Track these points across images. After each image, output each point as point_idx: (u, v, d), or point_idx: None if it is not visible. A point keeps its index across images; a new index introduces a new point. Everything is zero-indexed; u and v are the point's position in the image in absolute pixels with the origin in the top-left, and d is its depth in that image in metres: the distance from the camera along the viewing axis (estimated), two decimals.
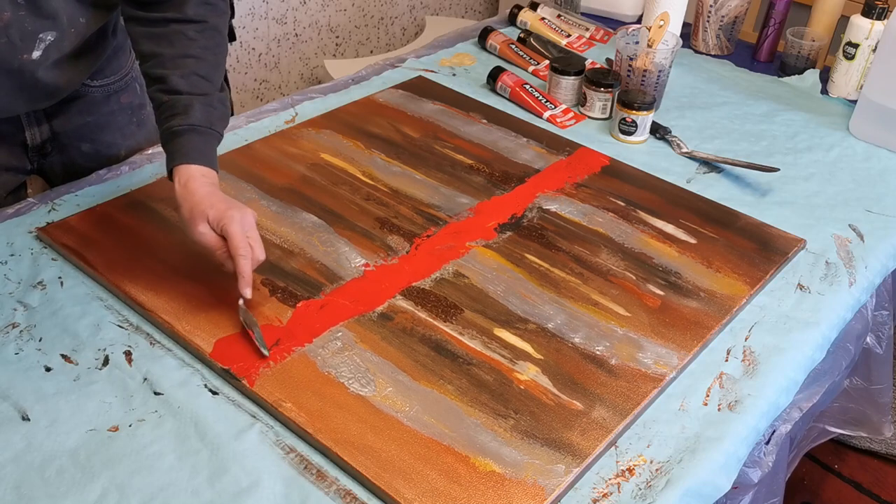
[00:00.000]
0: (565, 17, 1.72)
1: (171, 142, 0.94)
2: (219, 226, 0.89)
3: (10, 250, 1.02)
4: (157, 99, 0.96)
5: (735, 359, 0.94)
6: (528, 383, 0.87)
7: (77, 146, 1.18)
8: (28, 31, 0.95)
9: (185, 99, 0.95)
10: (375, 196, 1.15)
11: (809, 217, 1.18)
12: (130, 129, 1.24)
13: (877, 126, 1.35)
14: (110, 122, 1.20)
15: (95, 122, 1.18)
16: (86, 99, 1.16)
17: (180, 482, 0.76)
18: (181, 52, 0.97)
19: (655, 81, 1.38)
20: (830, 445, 1.74)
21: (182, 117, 0.94)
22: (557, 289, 1.00)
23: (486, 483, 0.76)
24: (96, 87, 1.17)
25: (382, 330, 0.92)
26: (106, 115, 1.19)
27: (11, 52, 0.95)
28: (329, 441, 0.79)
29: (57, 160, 1.19)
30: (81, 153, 1.19)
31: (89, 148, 1.20)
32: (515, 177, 1.22)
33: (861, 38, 1.42)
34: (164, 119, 0.95)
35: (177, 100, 0.95)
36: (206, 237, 0.90)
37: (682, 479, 0.79)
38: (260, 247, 0.91)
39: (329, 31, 2.44)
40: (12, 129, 1.11)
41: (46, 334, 0.91)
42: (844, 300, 1.04)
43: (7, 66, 0.96)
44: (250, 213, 0.92)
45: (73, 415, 0.82)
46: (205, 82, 0.97)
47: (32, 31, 0.95)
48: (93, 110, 1.18)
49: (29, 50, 0.96)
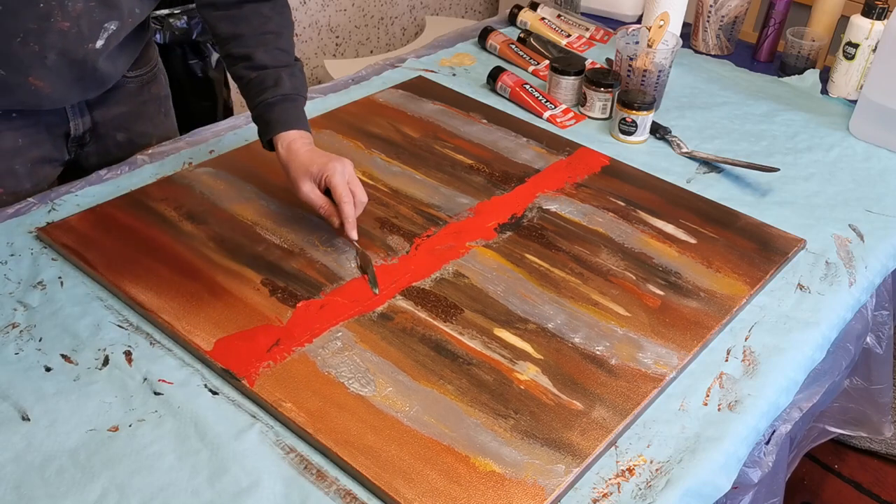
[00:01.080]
0: (565, 17, 1.73)
1: (267, 113, 1.04)
2: (322, 179, 0.99)
3: (10, 250, 1.02)
4: (244, 76, 1.05)
5: (735, 359, 0.94)
6: (528, 383, 0.87)
7: (113, 136, 1.23)
8: (95, 21, 1.02)
9: (272, 72, 1.04)
10: (375, 196, 1.15)
11: (809, 217, 1.18)
12: (159, 119, 1.29)
13: (877, 126, 1.35)
14: (143, 111, 1.25)
15: (130, 112, 1.23)
16: (123, 90, 1.21)
17: (180, 482, 0.76)
18: (260, 30, 1.05)
19: (655, 81, 1.38)
20: (830, 445, 1.74)
21: (273, 89, 1.03)
22: (557, 289, 1.00)
23: (486, 483, 0.76)
24: (131, 77, 1.21)
25: (382, 330, 0.92)
26: (139, 105, 1.24)
27: (79, 41, 1.02)
28: (329, 441, 0.79)
29: (93, 150, 1.23)
30: (116, 142, 1.24)
31: (123, 137, 1.24)
32: (515, 177, 1.22)
33: (861, 38, 1.42)
34: (256, 93, 1.04)
35: (265, 74, 1.04)
36: (311, 195, 1.00)
37: (682, 479, 0.79)
38: (361, 191, 1.01)
39: (329, 31, 2.44)
40: (57, 120, 1.15)
41: (46, 334, 0.91)
42: (844, 300, 1.04)
43: (73, 55, 1.03)
44: (349, 163, 1.01)
45: (73, 415, 0.82)
46: (286, 54, 1.07)
47: (98, 21, 1.02)
48: (128, 101, 1.22)
49: (94, 39, 1.03)
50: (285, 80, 1.04)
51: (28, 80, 1.03)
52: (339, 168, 0.99)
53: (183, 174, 1.16)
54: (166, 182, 1.15)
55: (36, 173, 1.16)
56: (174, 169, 1.19)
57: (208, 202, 1.11)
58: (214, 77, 1.81)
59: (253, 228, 1.07)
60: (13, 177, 1.13)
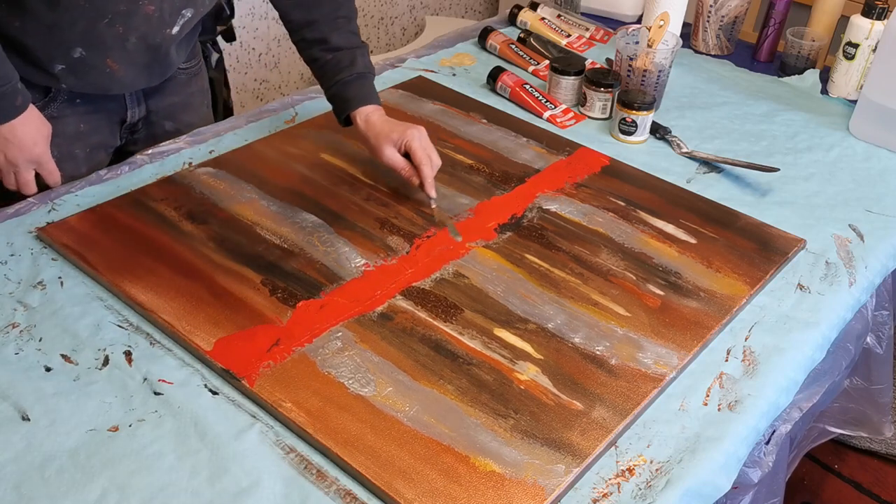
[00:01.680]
0: (565, 17, 1.72)
1: (345, 91, 1.14)
2: (402, 144, 1.10)
3: (10, 250, 1.02)
4: (320, 58, 1.16)
5: (735, 359, 0.94)
6: (528, 383, 0.87)
7: (162, 124, 1.29)
8: (175, 7, 1.10)
9: (347, 53, 1.15)
10: (375, 196, 1.15)
11: (809, 217, 1.18)
12: (203, 111, 1.37)
13: (877, 126, 1.35)
14: (190, 102, 1.32)
15: (179, 102, 1.30)
16: (174, 80, 1.27)
17: (180, 482, 0.76)
18: (333, 15, 1.15)
19: (655, 81, 1.38)
20: (830, 445, 1.74)
21: (349, 69, 1.14)
22: (557, 289, 1.00)
23: (486, 483, 0.76)
24: (183, 69, 1.28)
25: (382, 330, 0.92)
26: (187, 96, 1.31)
27: (160, 26, 1.10)
28: (329, 441, 0.79)
29: (142, 137, 1.29)
30: (164, 131, 1.30)
31: (171, 126, 1.30)
32: (515, 177, 1.22)
33: (861, 38, 1.42)
34: (333, 73, 1.15)
35: (340, 55, 1.15)
36: (394, 159, 1.11)
37: (682, 479, 0.79)
38: (436, 155, 1.12)
39: None
40: (116, 107, 1.21)
41: (46, 334, 0.91)
42: (844, 300, 1.04)
43: (151, 39, 1.11)
44: (423, 130, 1.11)
45: (73, 415, 0.82)
46: (355, 36, 1.17)
47: (178, 7, 1.10)
48: (178, 91, 1.29)
49: (172, 25, 1.12)
50: (358, 59, 1.15)
51: (106, 62, 1.10)
52: (417, 134, 1.10)
53: (183, 174, 1.17)
54: (166, 182, 1.15)
55: (92, 158, 1.21)
56: (174, 169, 1.19)
57: (208, 202, 1.11)
58: (214, 77, 1.80)
59: (253, 228, 1.07)
60: (73, 161, 1.18)
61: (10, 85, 1.03)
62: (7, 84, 1.03)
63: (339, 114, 1.17)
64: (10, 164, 1.07)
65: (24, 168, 1.08)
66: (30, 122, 1.06)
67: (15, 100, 1.04)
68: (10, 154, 1.06)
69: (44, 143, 1.09)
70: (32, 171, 1.10)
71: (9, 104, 1.03)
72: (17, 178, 1.09)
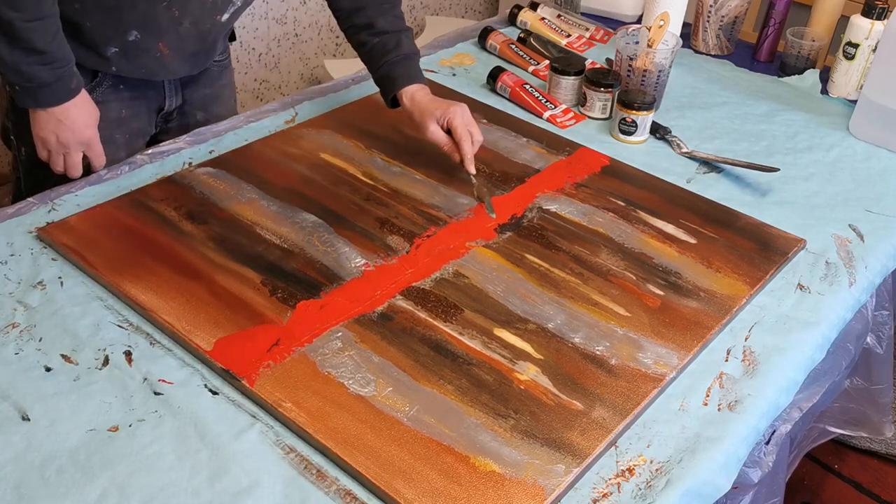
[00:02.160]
0: (565, 17, 1.72)
1: (392, 71, 1.20)
2: (445, 121, 1.15)
3: (10, 250, 1.02)
4: (368, 42, 1.22)
5: (735, 359, 0.94)
6: (528, 383, 0.87)
7: (194, 114, 1.34)
8: None
9: (392, 36, 1.21)
10: (375, 196, 1.15)
11: (809, 217, 1.18)
12: (231, 104, 1.41)
13: (877, 126, 1.35)
14: (220, 94, 1.37)
15: (211, 93, 1.35)
16: (208, 72, 1.32)
17: (180, 482, 0.76)
18: (379, 1, 1.21)
19: (655, 81, 1.38)
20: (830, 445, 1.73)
21: (396, 51, 1.20)
22: (557, 289, 1.00)
23: (486, 483, 0.76)
24: (215, 62, 1.33)
25: (382, 330, 0.92)
26: (218, 88, 1.36)
27: (212, 11, 1.16)
28: (329, 441, 0.79)
29: (175, 126, 1.33)
30: (196, 121, 1.34)
31: (202, 117, 1.35)
32: (515, 177, 1.22)
33: (861, 38, 1.42)
34: (380, 56, 1.21)
35: (387, 38, 1.21)
36: (436, 135, 1.16)
37: (682, 479, 0.79)
38: (478, 131, 1.17)
39: (329, 31, 2.44)
40: (156, 95, 1.26)
41: (46, 334, 0.91)
42: (844, 300, 1.04)
43: (202, 25, 1.16)
44: (466, 107, 1.17)
45: (73, 415, 0.82)
46: (400, 20, 1.23)
47: None
48: (211, 83, 1.34)
49: (222, 12, 1.17)
50: (404, 42, 1.21)
51: (158, 46, 1.15)
52: (459, 112, 1.15)
53: (183, 174, 1.17)
54: (166, 182, 1.15)
55: (130, 144, 1.25)
56: (174, 169, 1.19)
57: (208, 202, 1.11)
58: None
59: (253, 228, 1.07)
60: (113, 145, 1.21)
61: (68, 67, 1.06)
62: (66, 66, 1.05)
63: (386, 94, 1.23)
64: (61, 146, 1.10)
65: (74, 150, 1.11)
66: (82, 105, 1.10)
67: (70, 82, 1.07)
68: (63, 136, 1.09)
69: (94, 126, 1.12)
70: (81, 153, 1.13)
71: (65, 86, 1.06)
72: (65, 161, 1.12)
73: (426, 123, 1.16)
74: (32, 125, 1.10)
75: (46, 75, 1.04)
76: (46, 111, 1.07)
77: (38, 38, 1.01)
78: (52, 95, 1.06)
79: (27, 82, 1.04)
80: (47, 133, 1.09)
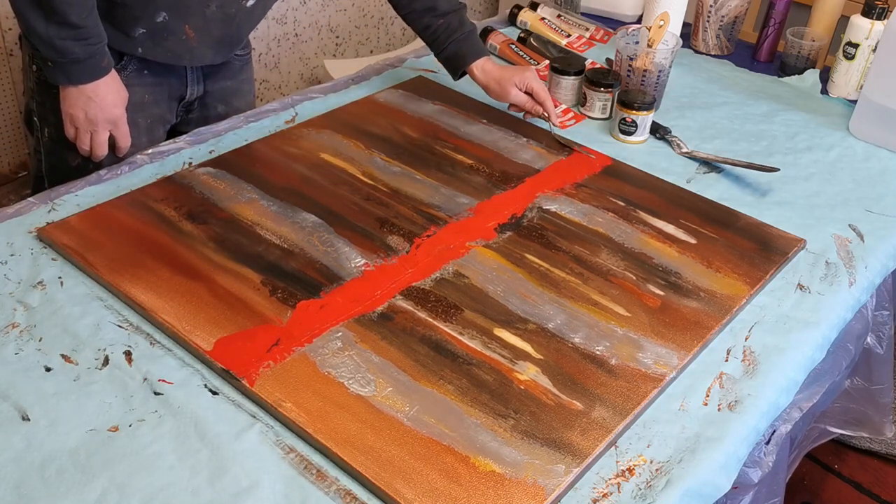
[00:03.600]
0: (565, 17, 1.72)
1: (462, 48, 1.32)
2: (524, 86, 1.30)
3: (10, 250, 1.02)
4: (431, 24, 1.32)
5: (735, 359, 0.94)
6: (528, 383, 0.87)
7: (215, 106, 1.36)
8: None
9: (455, 15, 1.31)
10: (375, 196, 1.15)
11: (809, 217, 1.18)
12: (250, 98, 1.44)
13: (877, 126, 1.35)
14: (241, 88, 1.40)
15: (232, 86, 1.37)
16: (230, 66, 1.35)
17: (180, 482, 0.76)
18: None
19: (655, 81, 1.38)
20: (830, 445, 1.73)
21: (460, 29, 1.31)
22: (557, 289, 1.00)
23: (486, 483, 0.76)
24: (238, 56, 1.35)
25: (382, 330, 0.92)
26: (239, 82, 1.39)
27: None
28: (329, 441, 0.79)
29: (195, 117, 1.35)
30: (216, 113, 1.36)
31: (223, 109, 1.37)
32: (515, 177, 1.22)
33: (861, 38, 1.42)
34: (445, 35, 1.31)
35: (450, 18, 1.31)
36: (519, 97, 1.31)
37: (682, 479, 0.79)
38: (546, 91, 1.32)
39: (329, 31, 2.44)
40: (178, 83, 1.28)
41: (46, 334, 0.91)
42: (844, 300, 1.04)
43: (228, 9, 1.19)
44: (534, 70, 1.32)
45: (73, 415, 0.82)
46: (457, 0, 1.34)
47: None
48: (233, 76, 1.37)
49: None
50: (465, 19, 1.32)
51: (184, 29, 1.17)
52: (533, 76, 1.30)
53: (183, 174, 1.17)
54: (166, 182, 1.15)
55: (151, 130, 1.28)
56: (174, 169, 1.19)
57: (208, 202, 1.11)
58: None
59: (253, 228, 1.07)
60: (135, 129, 1.23)
61: (101, 45, 1.08)
62: (99, 42, 1.07)
63: (455, 70, 1.34)
64: (89, 123, 1.12)
65: (101, 128, 1.13)
66: (112, 84, 1.12)
67: (102, 60, 1.09)
68: (91, 112, 1.11)
69: (122, 106, 1.14)
70: (108, 132, 1.15)
71: (97, 64, 1.08)
72: (92, 139, 1.14)
73: (507, 89, 1.29)
74: (63, 102, 1.11)
75: (80, 51, 1.05)
76: (77, 88, 1.09)
77: (73, 12, 1.02)
78: (84, 72, 1.07)
79: (60, 57, 1.05)
80: (76, 110, 1.10)
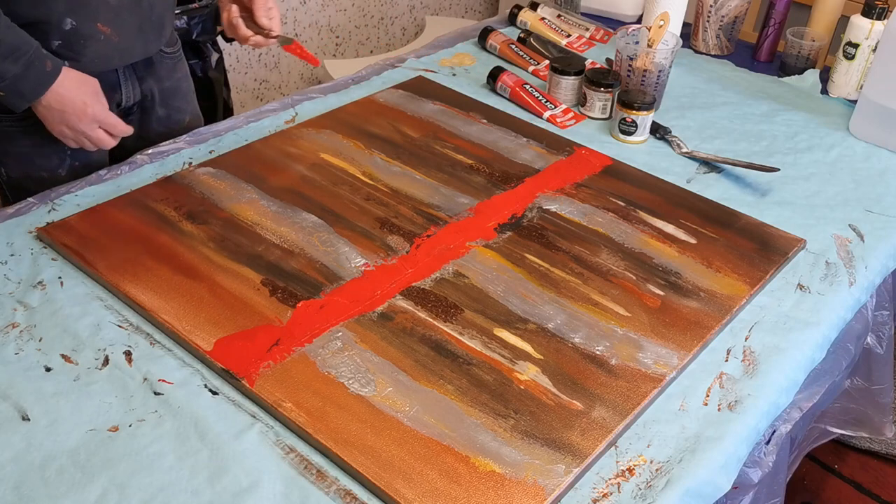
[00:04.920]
0: (565, 17, 1.72)
1: None
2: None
3: (10, 250, 1.02)
4: None
5: (735, 359, 0.94)
6: (528, 383, 0.87)
7: (155, 111, 1.32)
8: None
9: None
10: (375, 196, 1.15)
11: (809, 217, 1.18)
12: (190, 97, 1.40)
13: (877, 126, 1.35)
14: (179, 87, 1.35)
15: (170, 87, 1.33)
16: (163, 65, 1.30)
17: (180, 482, 0.76)
18: None
19: (655, 81, 1.38)
20: (831, 445, 1.74)
21: None
22: (557, 289, 1.00)
23: (486, 483, 0.76)
24: (167, 53, 1.31)
25: (382, 330, 0.92)
26: (176, 80, 1.34)
27: None
28: (329, 441, 0.79)
29: (135, 122, 1.29)
30: (157, 118, 1.32)
31: (163, 113, 1.33)
32: (515, 177, 1.22)
33: (861, 38, 1.42)
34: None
35: None
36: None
37: (682, 479, 0.79)
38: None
39: (329, 31, 2.44)
40: (111, 89, 1.20)
41: (46, 334, 0.91)
42: (844, 300, 1.04)
43: None
44: None
45: (73, 415, 0.82)
46: None
47: None
48: (167, 76, 1.32)
49: None
50: None
51: (97, 27, 1.10)
52: None
53: (183, 174, 1.17)
54: (166, 182, 1.15)
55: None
56: (174, 169, 1.19)
57: (208, 202, 1.11)
58: (214, 77, 1.81)
59: (253, 228, 1.07)
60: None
61: (33, 51, 1.02)
62: (29, 51, 1.01)
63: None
64: (76, 133, 1.10)
65: (89, 129, 1.10)
66: (71, 84, 1.07)
67: (44, 65, 1.03)
68: (71, 122, 1.08)
69: (94, 100, 1.10)
70: (98, 129, 1.11)
71: (40, 72, 1.03)
72: (91, 141, 1.12)
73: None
74: (45, 125, 1.09)
75: (15, 66, 1.00)
76: (43, 105, 1.06)
77: None
78: (33, 84, 1.03)
79: (1, 82, 1.01)
80: (58, 126, 1.08)
